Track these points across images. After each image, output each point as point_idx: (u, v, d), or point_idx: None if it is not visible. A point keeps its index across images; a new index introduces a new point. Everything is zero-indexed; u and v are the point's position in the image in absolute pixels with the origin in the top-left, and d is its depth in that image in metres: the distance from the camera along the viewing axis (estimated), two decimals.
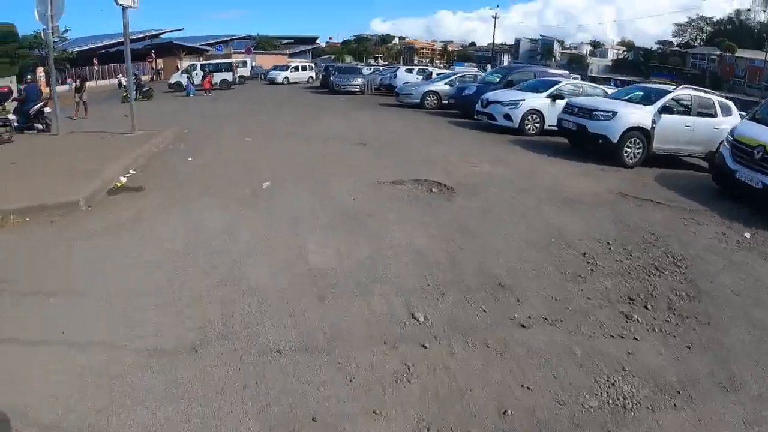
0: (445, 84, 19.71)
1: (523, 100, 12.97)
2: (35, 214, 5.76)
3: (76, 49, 42.03)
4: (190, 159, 8.79)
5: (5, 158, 9.12)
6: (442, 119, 15.70)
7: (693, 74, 67.47)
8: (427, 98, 19.40)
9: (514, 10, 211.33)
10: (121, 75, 33.48)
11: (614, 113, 9.67)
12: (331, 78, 27.29)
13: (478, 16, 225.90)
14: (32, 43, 34.09)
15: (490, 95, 13.76)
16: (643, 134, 9.69)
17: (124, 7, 9.89)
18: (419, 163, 8.66)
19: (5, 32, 32.78)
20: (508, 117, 12.91)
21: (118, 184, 7.10)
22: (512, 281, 4.31)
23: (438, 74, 24.21)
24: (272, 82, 37.72)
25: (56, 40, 34.59)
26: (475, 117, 14.23)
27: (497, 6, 63.05)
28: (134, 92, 25.75)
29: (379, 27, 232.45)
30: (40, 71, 36.08)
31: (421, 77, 25.62)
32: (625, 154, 9.68)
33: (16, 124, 11.58)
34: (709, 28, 79.46)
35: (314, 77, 40.05)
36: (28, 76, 14.58)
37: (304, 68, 41.31)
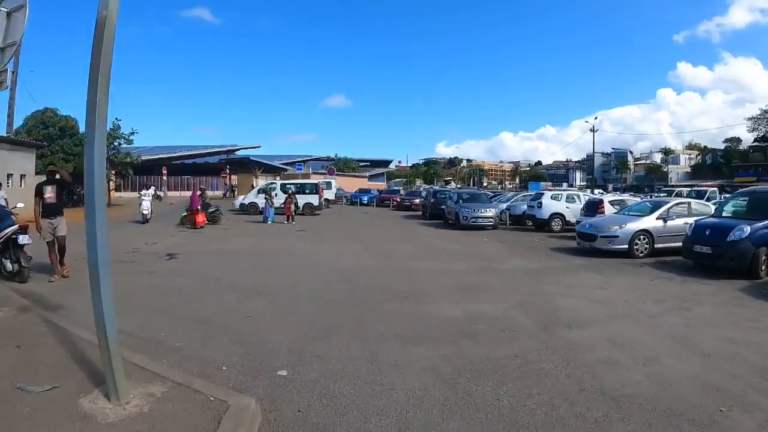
0: (657, 219, 12.09)
1: None
2: None
3: (148, 157, 38.42)
4: None
5: None
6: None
7: None
8: (637, 241, 11.82)
9: (573, 126, 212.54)
10: (153, 187, 27.49)
11: None
12: (452, 208, 20.09)
13: (538, 135, 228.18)
14: None
15: None
16: None
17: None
18: None
19: (63, 125, 28.66)
20: None
21: None
22: None
23: (612, 201, 16.49)
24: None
25: (120, 142, 30.46)
26: None
27: (593, 119, 55.02)
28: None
29: (443, 150, 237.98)
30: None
31: (570, 204, 18.70)
32: None
33: None
34: None
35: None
36: None
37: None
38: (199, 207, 17.91)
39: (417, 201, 32.03)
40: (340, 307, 6.41)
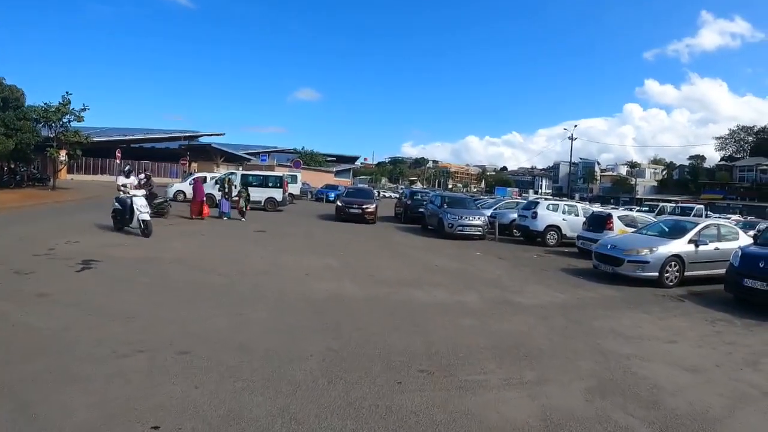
0: (689, 242, 10.02)
1: None
2: None
3: (102, 138, 34.50)
4: None
5: None
6: None
7: (745, 188, 60.05)
8: (668, 268, 9.74)
9: (539, 134, 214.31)
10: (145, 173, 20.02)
11: None
12: (434, 213, 17.58)
13: (504, 141, 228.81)
14: (40, 115, 25.49)
15: None
16: None
17: None
18: None
19: (6, 96, 24.62)
20: None
21: None
22: None
23: (620, 217, 14.33)
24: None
25: (70, 119, 26.36)
26: None
27: (571, 127, 53.77)
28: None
29: (410, 150, 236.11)
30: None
31: (567, 216, 16.44)
32: None
33: None
34: (751, 138, 73.03)
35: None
36: None
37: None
38: (204, 199, 17.00)
39: (371, 208, 19.79)
40: (318, 405, 3.56)
